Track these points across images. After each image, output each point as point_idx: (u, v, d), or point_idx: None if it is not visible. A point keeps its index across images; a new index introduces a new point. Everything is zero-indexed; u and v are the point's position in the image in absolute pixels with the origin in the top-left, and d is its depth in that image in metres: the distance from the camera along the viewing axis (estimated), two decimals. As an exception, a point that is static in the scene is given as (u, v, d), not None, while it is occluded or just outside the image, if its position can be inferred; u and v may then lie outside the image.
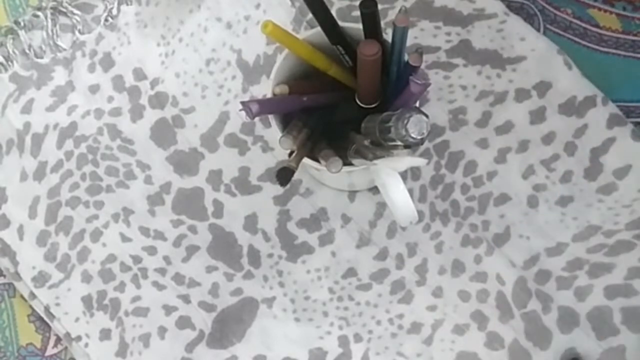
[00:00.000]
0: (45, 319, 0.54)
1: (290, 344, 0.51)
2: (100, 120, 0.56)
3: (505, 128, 0.53)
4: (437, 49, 0.54)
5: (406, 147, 0.40)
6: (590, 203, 0.50)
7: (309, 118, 0.47)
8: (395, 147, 0.42)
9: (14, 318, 0.55)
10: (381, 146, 0.43)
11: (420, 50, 0.43)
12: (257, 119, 0.55)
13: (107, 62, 0.57)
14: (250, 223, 0.53)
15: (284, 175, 0.43)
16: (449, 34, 0.55)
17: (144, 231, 0.54)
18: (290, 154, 0.44)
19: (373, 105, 0.47)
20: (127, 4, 0.58)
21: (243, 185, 0.54)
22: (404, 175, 0.52)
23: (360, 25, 0.45)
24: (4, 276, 0.55)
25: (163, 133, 0.56)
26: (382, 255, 0.52)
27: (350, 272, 0.52)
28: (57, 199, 0.55)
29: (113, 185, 0.55)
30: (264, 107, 0.44)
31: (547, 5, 0.55)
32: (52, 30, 0.58)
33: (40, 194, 0.55)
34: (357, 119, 0.47)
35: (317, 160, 0.45)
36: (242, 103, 0.42)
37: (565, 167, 0.51)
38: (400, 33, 0.43)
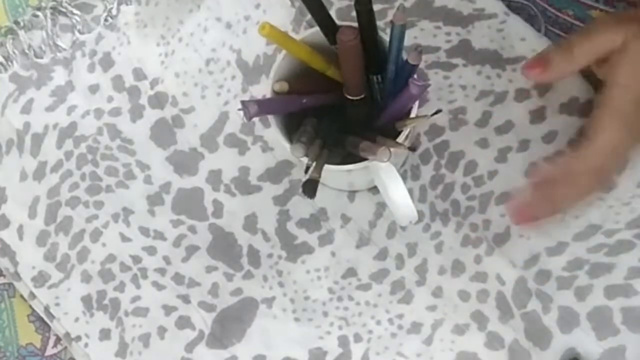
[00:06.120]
0: (45, 319, 0.54)
1: (290, 344, 0.51)
2: (100, 120, 0.56)
3: (505, 128, 0.52)
4: (437, 49, 0.54)
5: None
6: (590, 202, 0.50)
7: (317, 126, 0.47)
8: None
9: (14, 318, 0.55)
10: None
11: (419, 49, 0.43)
12: (257, 118, 0.55)
13: (107, 62, 0.57)
14: (250, 223, 0.53)
15: (310, 187, 0.43)
16: (449, 34, 0.54)
17: (144, 231, 0.54)
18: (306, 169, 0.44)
19: (359, 97, 0.47)
20: (127, 4, 0.58)
21: (243, 185, 0.54)
22: (404, 175, 0.52)
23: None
24: (4, 276, 0.55)
25: (163, 133, 0.56)
26: (382, 255, 0.52)
27: (350, 272, 0.52)
28: (56, 199, 0.55)
29: (113, 185, 0.55)
30: (263, 107, 0.44)
31: (548, 7, 0.55)
32: (52, 30, 0.58)
33: (40, 194, 0.55)
34: (364, 121, 0.47)
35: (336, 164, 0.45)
36: (242, 102, 0.42)
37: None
38: (399, 31, 0.43)
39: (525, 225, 0.50)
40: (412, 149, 0.49)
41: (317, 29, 0.46)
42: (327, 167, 0.44)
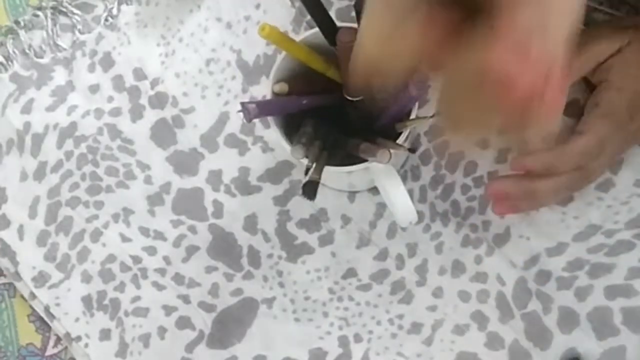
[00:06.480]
0: (45, 319, 0.54)
1: (290, 344, 0.51)
2: (100, 120, 0.56)
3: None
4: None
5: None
6: (590, 202, 0.50)
7: (317, 128, 0.46)
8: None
9: (14, 318, 0.55)
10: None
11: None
12: (257, 119, 0.55)
13: (107, 62, 0.57)
14: (250, 223, 0.53)
15: (310, 189, 0.43)
16: (449, 33, 0.54)
17: (144, 231, 0.54)
18: (307, 170, 0.44)
19: (359, 99, 0.47)
20: (127, 4, 0.58)
21: (243, 185, 0.54)
22: (404, 176, 0.52)
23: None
24: (4, 276, 0.55)
25: (163, 133, 0.56)
26: (382, 255, 0.52)
27: (350, 273, 0.52)
28: (57, 199, 0.55)
29: (113, 185, 0.55)
30: (263, 109, 0.44)
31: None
32: (52, 30, 0.58)
33: (40, 194, 0.55)
34: (364, 122, 0.47)
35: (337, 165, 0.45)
36: (242, 104, 0.42)
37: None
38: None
39: (505, 214, 0.50)
40: (412, 150, 0.49)
41: (317, 29, 0.46)
42: (327, 168, 0.44)
